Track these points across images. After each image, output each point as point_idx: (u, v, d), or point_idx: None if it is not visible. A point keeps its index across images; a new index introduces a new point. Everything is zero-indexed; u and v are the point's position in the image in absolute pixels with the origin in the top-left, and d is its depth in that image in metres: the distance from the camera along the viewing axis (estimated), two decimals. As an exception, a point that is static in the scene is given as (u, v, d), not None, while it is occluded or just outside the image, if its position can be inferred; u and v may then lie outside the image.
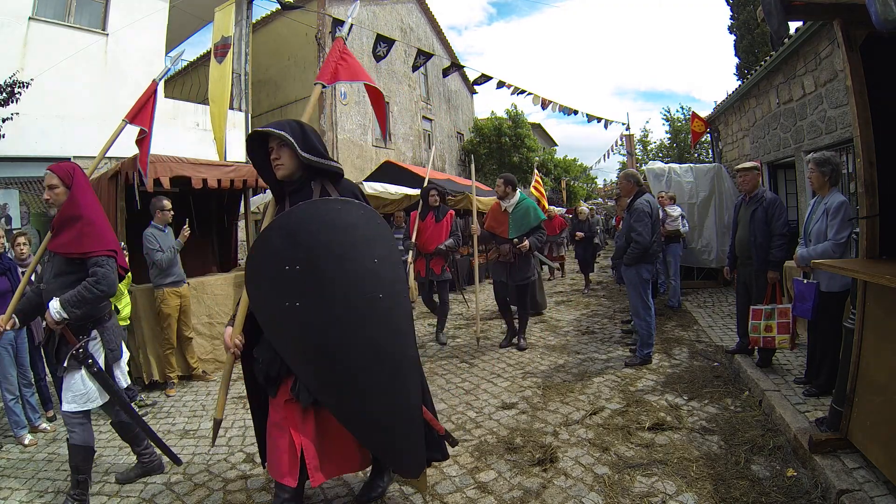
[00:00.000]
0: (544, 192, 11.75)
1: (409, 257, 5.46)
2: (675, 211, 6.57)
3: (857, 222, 2.71)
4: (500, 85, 9.43)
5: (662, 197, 6.69)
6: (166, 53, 9.24)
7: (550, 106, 10.59)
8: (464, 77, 19.06)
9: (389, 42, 7.84)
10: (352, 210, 1.93)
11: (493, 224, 5.10)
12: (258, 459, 2.92)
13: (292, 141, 1.91)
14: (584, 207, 10.22)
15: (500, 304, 5.26)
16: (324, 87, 2.61)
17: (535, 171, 11.86)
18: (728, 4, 16.34)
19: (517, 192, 5.01)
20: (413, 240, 5.36)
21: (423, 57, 8.50)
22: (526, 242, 4.76)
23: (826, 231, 3.12)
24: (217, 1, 7.40)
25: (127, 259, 3.84)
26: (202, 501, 2.53)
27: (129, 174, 4.41)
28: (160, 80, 3.62)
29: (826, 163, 3.15)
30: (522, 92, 9.90)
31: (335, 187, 2.06)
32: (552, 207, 10.57)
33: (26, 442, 3.28)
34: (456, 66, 9.72)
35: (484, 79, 9.25)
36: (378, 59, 7.88)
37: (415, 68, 8.84)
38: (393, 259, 2.02)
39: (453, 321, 6.60)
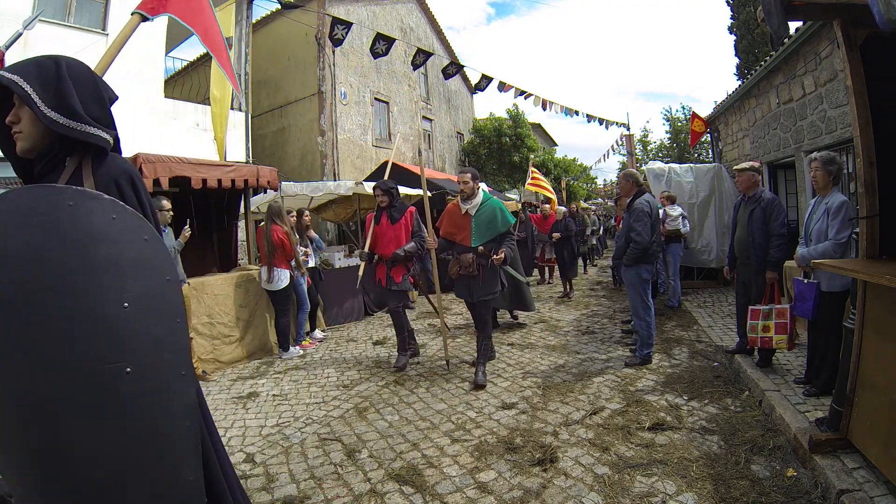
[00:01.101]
0: (550, 187, 11.52)
1: (360, 270, 4.84)
2: (674, 211, 6.57)
3: (857, 222, 2.72)
4: (501, 86, 9.45)
5: (664, 197, 6.70)
6: (166, 53, 9.25)
7: (551, 107, 10.62)
8: (464, 77, 19.06)
9: (389, 41, 7.85)
10: (95, 212, 1.15)
11: (451, 230, 4.25)
12: (258, 459, 2.93)
13: (29, 93, 1.25)
14: (560, 207, 9.61)
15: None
16: (144, 17, 1.93)
17: (532, 167, 11.57)
18: (728, 5, 16.37)
19: (481, 189, 4.23)
20: (367, 247, 4.65)
21: (422, 55, 8.50)
22: (502, 253, 3.97)
23: (827, 231, 3.13)
24: (217, 1, 7.40)
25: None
26: (202, 501, 2.53)
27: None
28: (6, 48, 3.28)
29: (832, 162, 3.16)
30: (523, 93, 9.93)
31: (94, 169, 1.34)
32: (551, 207, 10.34)
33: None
34: (456, 67, 9.73)
35: (485, 81, 9.26)
36: (376, 56, 7.87)
37: (415, 66, 8.80)
38: (163, 302, 1.22)
39: (452, 320, 6.60)
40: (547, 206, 9.86)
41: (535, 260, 9.84)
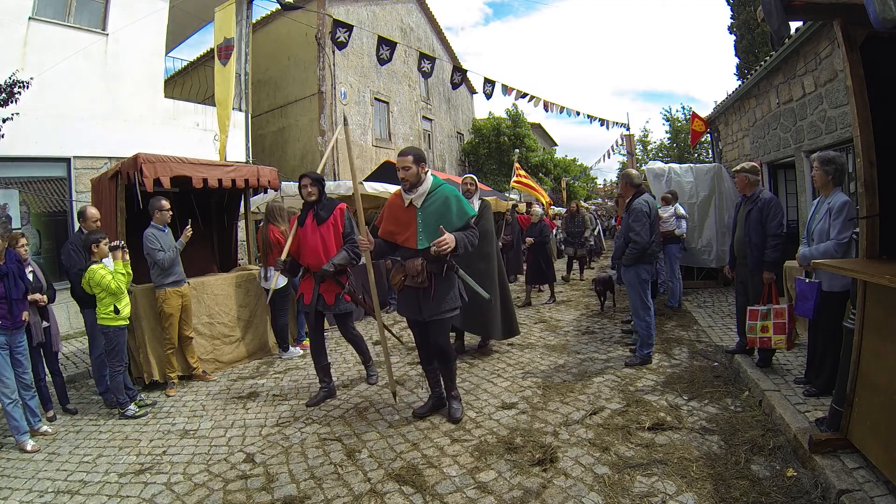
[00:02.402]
0: (537, 186, 11.02)
1: (272, 283, 4.23)
2: (665, 212, 6.56)
3: (857, 222, 2.71)
4: (504, 90, 9.52)
5: (661, 197, 6.71)
6: (166, 53, 9.24)
7: (552, 107, 10.67)
8: (465, 78, 19.08)
9: (391, 45, 7.89)
10: None
11: (391, 228, 3.30)
12: (258, 459, 2.93)
13: None
14: (537, 208, 8.61)
15: (421, 354, 3.48)
16: None
17: (516, 163, 10.77)
18: (728, 4, 16.37)
19: (429, 175, 3.26)
20: (285, 254, 3.81)
21: (427, 61, 8.54)
22: (445, 245, 2.93)
23: (829, 231, 3.12)
24: (217, 1, 7.40)
25: (128, 257, 3.87)
26: (202, 501, 2.53)
27: (129, 174, 4.42)
28: None
29: (830, 162, 3.15)
30: (525, 96, 9.98)
31: None
32: (534, 208, 9.27)
33: (28, 448, 3.22)
34: (460, 71, 9.76)
35: (489, 85, 9.31)
36: (382, 62, 7.92)
37: (425, 74, 8.80)
38: None
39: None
40: (535, 205, 9.30)
41: (525, 264, 9.03)
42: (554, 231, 9.32)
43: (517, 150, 12.58)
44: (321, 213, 3.80)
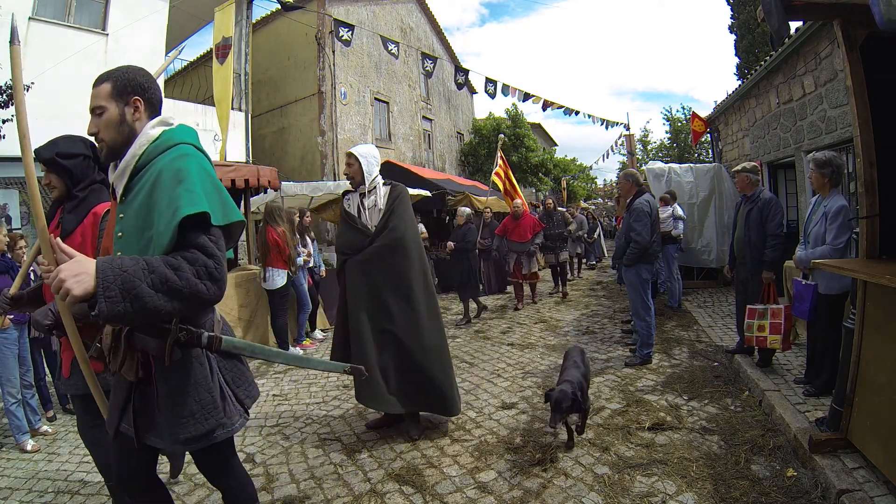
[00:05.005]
0: (514, 180, 9.20)
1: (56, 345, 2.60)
2: (663, 213, 6.56)
3: (857, 222, 2.71)
4: (506, 90, 9.53)
5: (659, 197, 6.70)
6: (166, 53, 9.25)
7: (552, 107, 10.68)
8: (466, 78, 19.04)
9: (396, 43, 7.96)
10: None
11: (107, 242, 1.57)
12: (258, 459, 2.93)
13: None
14: (463, 209, 7.29)
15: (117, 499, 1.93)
16: None
17: (500, 150, 9.61)
18: (728, 4, 16.36)
19: (155, 127, 1.49)
20: (16, 286, 2.03)
21: (430, 61, 8.58)
22: (61, 268, 1.17)
23: (825, 235, 3.12)
24: (217, 1, 7.41)
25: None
26: (202, 501, 2.53)
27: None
28: None
29: (827, 164, 3.14)
30: (526, 96, 10.01)
31: None
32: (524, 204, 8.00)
33: (28, 448, 3.21)
34: (463, 72, 9.79)
35: (491, 85, 9.33)
36: (395, 56, 7.98)
37: (428, 74, 8.84)
38: None
39: (453, 319, 6.59)
40: (518, 202, 7.98)
41: (509, 276, 7.75)
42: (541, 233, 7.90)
43: (502, 136, 10.34)
44: (67, 220, 2.12)
